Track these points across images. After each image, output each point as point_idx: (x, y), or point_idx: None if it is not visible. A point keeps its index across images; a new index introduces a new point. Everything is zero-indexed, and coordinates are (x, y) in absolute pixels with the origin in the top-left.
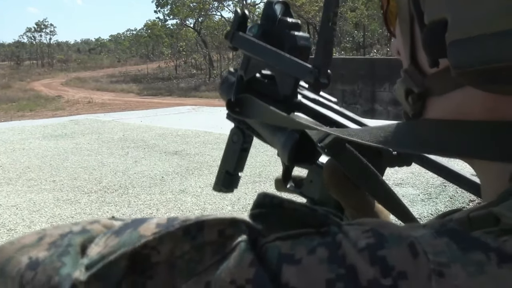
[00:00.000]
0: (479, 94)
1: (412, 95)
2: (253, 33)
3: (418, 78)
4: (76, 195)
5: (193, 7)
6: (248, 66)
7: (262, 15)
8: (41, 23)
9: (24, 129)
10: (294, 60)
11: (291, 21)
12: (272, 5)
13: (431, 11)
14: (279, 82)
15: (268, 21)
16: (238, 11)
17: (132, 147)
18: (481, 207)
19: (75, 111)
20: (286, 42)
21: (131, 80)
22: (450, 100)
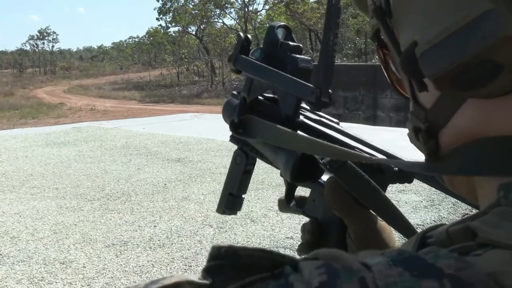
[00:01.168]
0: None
1: (421, 134)
2: (255, 56)
3: (422, 115)
4: (79, 203)
5: (195, 15)
6: (251, 88)
7: (265, 39)
8: (44, 31)
9: (27, 137)
10: (296, 81)
11: (293, 44)
12: (274, 30)
13: (404, 38)
14: (282, 103)
15: (270, 44)
16: (241, 35)
17: (134, 155)
18: (459, 221)
19: (77, 119)
20: (288, 65)
21: (133, 87)
22: (454, 127)
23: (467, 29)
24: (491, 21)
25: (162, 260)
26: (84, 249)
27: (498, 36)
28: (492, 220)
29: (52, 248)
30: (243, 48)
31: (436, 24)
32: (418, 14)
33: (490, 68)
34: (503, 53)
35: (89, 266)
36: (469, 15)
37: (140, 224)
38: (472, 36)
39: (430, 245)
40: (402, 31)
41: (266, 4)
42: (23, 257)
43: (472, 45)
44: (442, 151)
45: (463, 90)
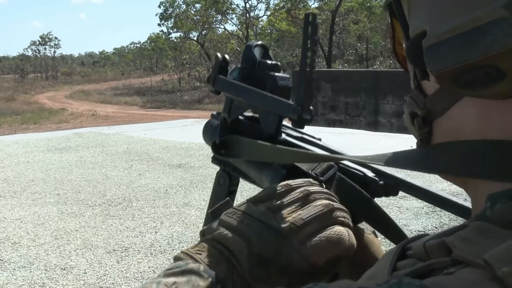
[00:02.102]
0: (470, 105)
1: (417, 119)
2: (234, 76)
3: (421, 101)
4: (80, 208)
5: (197, 20)
6: (231, 108)
7: (242, 58)
8: (46, 36)
9: (28, 142)
10: (276, 99)
11: (271, 63)
12: (251, 49)
13: (414, 24)
14: (263, 121)
15: (248, 64)
16: (219, 56)
17: (136, 160)
18: (436, 235)
19: (79, 124)
20: (267, 83)
21: (135, 92)
22: (449, 119)
23: (477, 32)
24: (502, 30)
25: (163, 266)
26: (85, 255)
27: (506, 46)
28: (467, 235)
29: (53, 254)
30: (221, 69)
31: (449, 19)
32: (433, 3)
33: (493, 73)
34: (508, 61)
35: (90, 272)
36: (481, 19)
37: (141, 230)
38: (481, 41)
39: (409, 257)
40: (414, 15)
41: (268, 10)
42: (24, 263)
43: (479, 50)
44: (434, 141)
45: (463, 88)
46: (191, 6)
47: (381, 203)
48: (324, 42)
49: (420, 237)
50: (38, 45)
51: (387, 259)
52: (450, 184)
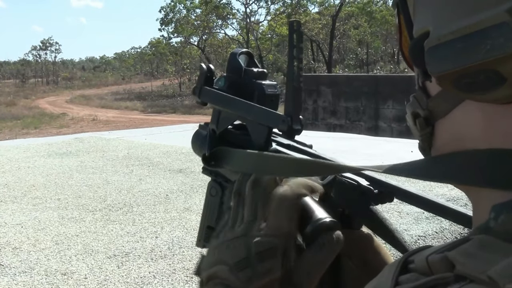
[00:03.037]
0: (474, 109)
1: (419, 119)
2: (219, 85)
3: (423, 101)
4: (81, 213)
5: (197, 25)
6: (219, 119)
7: (228, 67)
8: (46, 41)
9: (29, 147)
10: (265, 110)
11: (257, 70)
12: (236, 57)
13: (418, 24)
14: (252, 132)
15: (234, 72)
16: (204, 66)
17: (136, 165)
18: (438, 249)
19: (79, 129)
20: (255, 92)
21: (136, 97)
22: (452, 121)
23: (479, 36)
24: (503, 34)
25: (164, 271)
26: (85, 260)
27: (506, 51)
28: (470, 250)
29: (54, 259)
30: (206, 80)
31: (451, 21)
32: (437, 4)
33: (493, 78)
34: (508, 66)
35: (91, 277)
36: (484, 22)
37: (142, 235)
38: (481, 45)
39: (410, 271)
40: (418, 15)
41: (268, 15)
42: (25, 268)
43: (479, 54)
44: (436, 142)
45: (463, 92)
46: (191, 11)
47: (381, 208)
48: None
49: (422, 250)
50: (39, 50)
51: (389, 272)
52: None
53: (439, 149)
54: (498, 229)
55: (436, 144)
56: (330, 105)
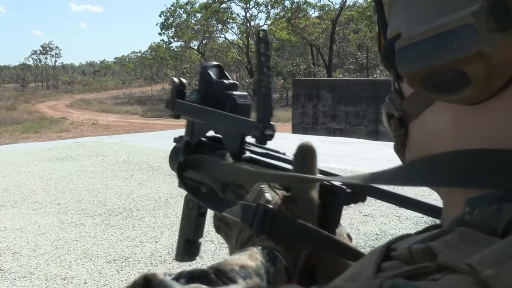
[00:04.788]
0: (444, 110)
1: (393, 120)
2: (192, 99)
3: (398, 102)
4: (81, 218)
5: (197, 30)
6: (193, 130)
7: (199, 80)
8: (47, 46)
9: (29, 152)
10: (237, 118)
11: (228, 82)
12: (207, 70)
13: (392, 25)
14: (226, 141)
15: (205, 85)
16: (175, 80)
17: (136, 170)
18: (421, 239)
19: (79, 133)
20: (227, 103)
21: (136, 101)
22: (424, 122)
23: (446, 36)
24: (468, 36)
25: None
26: (85, 265)
27: (471, 51)
28: (452, 241)
29: (54, 264)
30: (179, 93)
31: (421, 22)
32: (409, 5)
33: (459, 79)
34: (473, 66)
35: (91, 282)
36: (451, 24)
37: (142, 239)
38: (448, 45)
39: (393, 259)
40: (393, 16)
41: (268, 19)
42: (25, 273)
43: (444, 54)
44: (409, 142)
45: (432, 92)
46: (191, 16)
47: (380, 212)
48: (324, 51)
49: (404, 238)
50: (39, 54)
51: (370, 259)
52: None
53: (412, 149)
54: (473, 223)
55: (410, 144)
56: (330, 109)
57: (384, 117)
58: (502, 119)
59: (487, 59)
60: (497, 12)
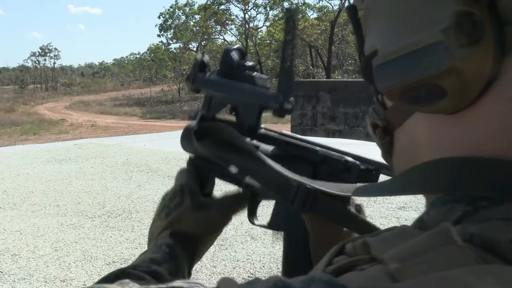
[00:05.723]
0: (423, 119)
1: (378, 130)
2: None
3: (381, 113)
4: (80, 220)
5: (196, 31)
6: (210, 105)
7: (221, 62)
8: (46, 47)
9: (28, 154)
10: (257, 88)
11: (249, 64)
12: (229, 53)
13: (369, 41)
14: (243, 114)
15: (226, 67)
16: (199, 56)
17: (135, 171)
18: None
19: (78, 135)
20: (245, 82)
21: (135, 103)
22: (407, 131)
23: (419, 54)
24: (439, 52)
25: None
26: (84, 267)
27: (443, 67)
28: (388, 236)
29: (53, 266)
30: (201, 68)
31: (396, 40)
32: (383, 24)
33: (435, 91)
34: (447, 80)
35: (90, 284)
36: (422, 41)
37: (141, 241)
38: (421, 62)
39: (343, 253)
40: (369, 33)
41: (267, 21)
42: (24, 275)
43: (419, 70)
44: (395, 149)
45: (410, 104)
46: (190, 17)
47: (379, 214)
48: (323, 53)
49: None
50: (38, 56)
51: (328, 254)
52: None
53: (399, 156)
54: (427, 221)
55: (396, 152)
56: (329, 110)
57: (369, 127)
58: (476, 127)
59: (459, 73)
60: (466, 27)
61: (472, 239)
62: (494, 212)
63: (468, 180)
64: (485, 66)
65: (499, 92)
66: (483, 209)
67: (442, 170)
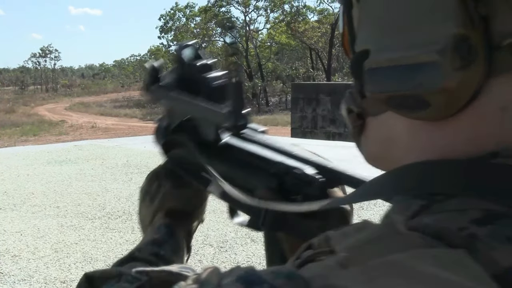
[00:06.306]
0: (402, 118)
1: (352, 114)
2: (168, 82)
3: (358, 99)
4: (80, 221)
5: (197, 33)
6: (171, 114)
7: (173, 61)
8: (46, 49)
9: (28, 155)
10: (209, 108)
11: (200, 63)
12: (180, 51)
13: (360, 40)
14: (202, 129)
15: (178, 67)
16: (148, 66)
17: (135, 173)
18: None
19: (78, 136)
20: (201, 86)
21: (135, 105)
22: (382, 122)
23: (412, 69)
24: (433, 72)
25: None
26: (85, 268)
27: (435, 87)
28: (348, 230)
29: (53, 267)
30: (152, 78)
31: (391, 48)
32: (381, 25)
33: (420, 102)
34: (434, 97)
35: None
36: (417, 57)
37: None
38: (414, 78)
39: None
40: (362, 29)
41: (267, 23)
42: (24, 276)
43: (410, 85)
44: (366, 132)
45: (394, 109)
46: (191, 19)
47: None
48: (323, 55)
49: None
50: (38, 57)
51: (299, 249)
52: None
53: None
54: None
55: (366, 135)
56: (329, 113)
57: (343, 110)
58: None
59: (448, 92)
60: (462, 51)
61: (425, 229)
62: (447, 205)
63: (432, 179)
64: (471, 86)
65: (476, 109)
66: (438, 203)
67: (412, 173)
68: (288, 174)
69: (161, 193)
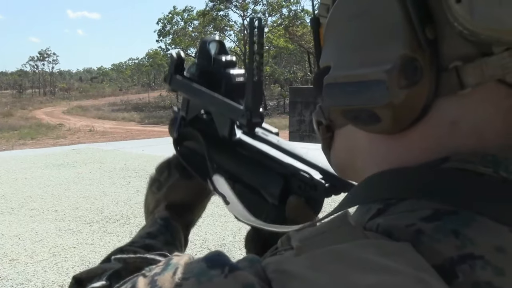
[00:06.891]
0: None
1: (321, 126)
2: (191, 72)
3: (326, 113)
4: (78, 225)
5: (195, 37)
6: (188, 107)
7: (198, 54)
8: (44, 52)
9: (26, 158)
10: (227, 103)
11: (225, 59)
12: (206, 44)
13: (324, 56)
14: (217, 123)
15: (203, 60)
16: (174, 54)
17: (133, 177)
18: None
19: (76, 140)
20: (223, 81)
21: (133, 108)
22: (345, 134)
23: (363, 85)
24: (380, 89)
25: None
26: None
27: (382, 103)
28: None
29: (51, 271)
30: (177, 67)
31: (347, 65)
32: (341, 43)
33: (373, 116)
34: (383, 111)
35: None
36: (368, 75)
37: None
38: (364, 93)
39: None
40: (326, 47)
41: (265, 27)
42: (22, 280)
43: (361, 99)
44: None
45: (350, 121)
46: (189, 23)
47: None
48: None
49: None
50: (36, 60)
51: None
52: None
53: (337, 154)
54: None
55: (335, 148)
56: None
57: (314, 123)
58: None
59: (394, 108)
60: (407, 71)
61: (378, 228)
62: (399, 207)
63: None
64: (418, 103)
65: (428, 123)
66: (392, 206)
67: (374, 183)
68: (294, 176)
69: (169, 183)
